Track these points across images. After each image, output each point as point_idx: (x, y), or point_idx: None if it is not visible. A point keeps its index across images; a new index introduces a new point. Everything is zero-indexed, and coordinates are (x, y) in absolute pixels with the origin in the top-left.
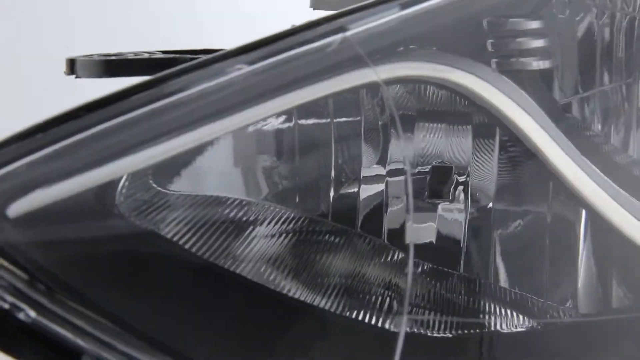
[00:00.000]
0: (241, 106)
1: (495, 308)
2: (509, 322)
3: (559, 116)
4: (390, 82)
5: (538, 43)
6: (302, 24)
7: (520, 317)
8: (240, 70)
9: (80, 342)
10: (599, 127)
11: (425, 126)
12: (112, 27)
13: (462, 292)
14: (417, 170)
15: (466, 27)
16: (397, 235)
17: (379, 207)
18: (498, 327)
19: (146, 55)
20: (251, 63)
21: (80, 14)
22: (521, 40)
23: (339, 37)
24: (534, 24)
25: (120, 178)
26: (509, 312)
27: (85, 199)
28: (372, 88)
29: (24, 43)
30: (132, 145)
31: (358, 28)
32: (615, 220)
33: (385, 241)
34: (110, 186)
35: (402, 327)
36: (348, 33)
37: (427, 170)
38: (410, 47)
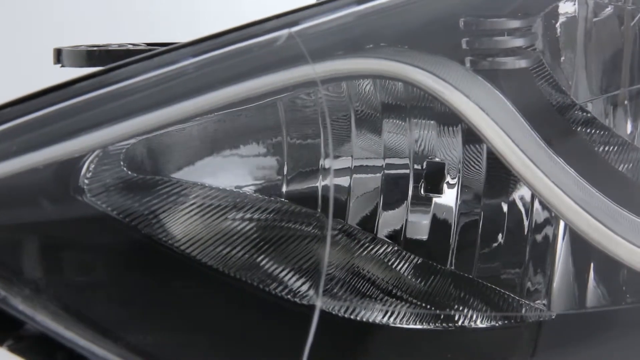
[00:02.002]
0: (183, 97)
1: (471, 302)
2: (481, 317)
3: (545, 115)
4: (337, 78)
5: (513, 42)
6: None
7: (492, 312)
8: (184, 61)
9: (19, 316)
10: (630, 128)
11: (416, 122)
12: (113, 26)
13: (445, 285)
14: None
15: (423, 24)
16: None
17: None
18: (470, 322)
19: (129, 47)
20: (195, 55)
21: (79, 15)
22: (497, 40)
23: (285, 32)
24: (511, 23)
25: (83, 161)
26: (483, 307)
27: (42, 180)
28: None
29: (24, 43)
30: (68, 132)
31: (306, 23)
32: (576, 223)
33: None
34: (70, 168)
35: (316, 309)
36: (294, 29)
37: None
38: (360, 43)
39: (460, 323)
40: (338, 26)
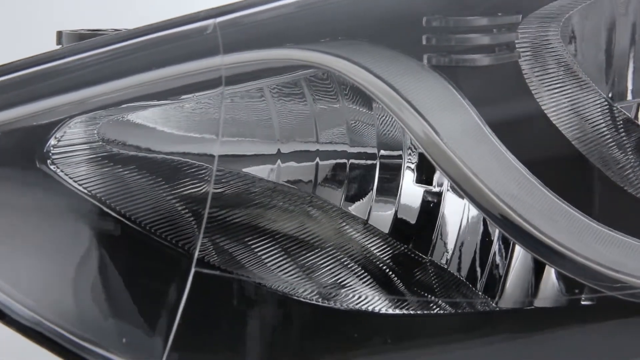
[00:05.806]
0: (109, 78)
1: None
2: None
3: (516, 113)
4: (248, 72)
5: (477, 40)
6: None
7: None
8: (115, 45)
9: None
10: None
11: None
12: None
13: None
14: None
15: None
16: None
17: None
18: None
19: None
20: (124, 40)
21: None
22: (458, 37)
23: (210, 22)
24: (475, 21)
25: (53, 126)
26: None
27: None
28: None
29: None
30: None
31: (229, 15)
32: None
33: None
34: (37, 133)
35: (187, 280)
36: (220, 19)
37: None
38: (286, 34)
39: (436, 311)
40: (272, 18)
